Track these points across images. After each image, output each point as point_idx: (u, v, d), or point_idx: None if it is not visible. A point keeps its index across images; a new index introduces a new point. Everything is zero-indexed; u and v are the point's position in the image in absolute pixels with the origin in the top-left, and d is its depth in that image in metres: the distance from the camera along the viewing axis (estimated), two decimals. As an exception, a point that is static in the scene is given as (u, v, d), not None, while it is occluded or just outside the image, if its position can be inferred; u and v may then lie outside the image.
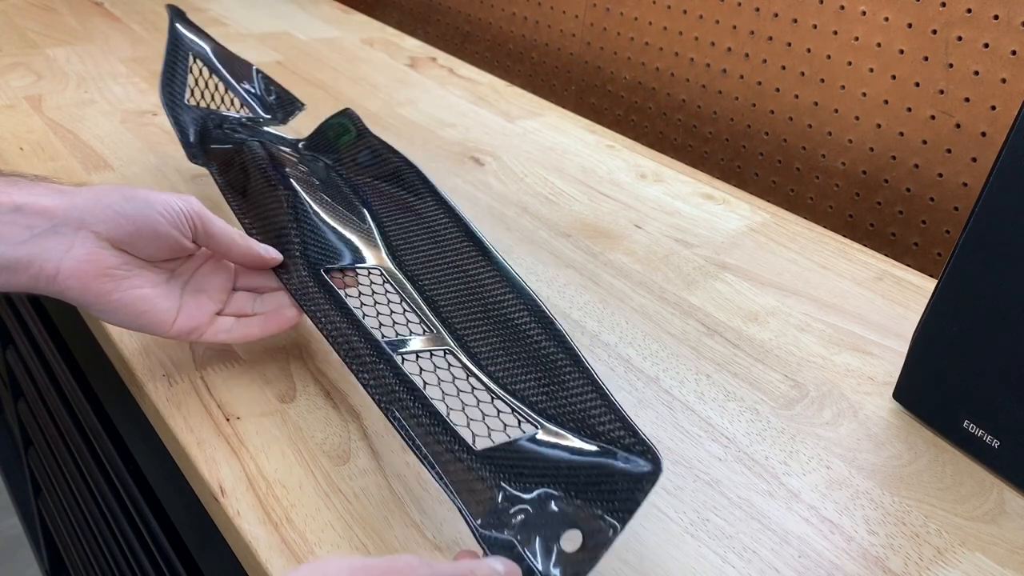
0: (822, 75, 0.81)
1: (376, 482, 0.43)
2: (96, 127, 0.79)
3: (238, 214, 0.57)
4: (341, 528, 0.41)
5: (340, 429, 0.46)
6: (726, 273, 0.66)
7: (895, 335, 0.60)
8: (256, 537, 0.40)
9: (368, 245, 0.56)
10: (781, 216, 0.75)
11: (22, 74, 0.90)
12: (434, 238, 0.57)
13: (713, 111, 0.92)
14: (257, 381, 0.49)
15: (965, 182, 0.73)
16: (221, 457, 0.44)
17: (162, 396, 0.48)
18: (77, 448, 0.79)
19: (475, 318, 0.50)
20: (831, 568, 0.41)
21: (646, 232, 0.71)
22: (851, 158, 0.81)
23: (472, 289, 0.52)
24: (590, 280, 0.63)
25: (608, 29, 1.02)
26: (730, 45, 0.89)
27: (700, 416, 0.51)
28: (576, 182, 0.78)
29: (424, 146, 0.83)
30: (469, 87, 0.99)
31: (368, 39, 1.13)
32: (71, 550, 1.01)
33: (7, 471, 1.44)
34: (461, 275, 0.53)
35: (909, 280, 0.67)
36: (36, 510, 1.15)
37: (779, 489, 0.46)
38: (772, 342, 0.58)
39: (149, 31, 1.07)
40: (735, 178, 0.92)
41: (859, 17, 0.77)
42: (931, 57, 0.73)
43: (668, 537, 0.42)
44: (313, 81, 0.96)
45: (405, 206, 0.60)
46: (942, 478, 0.48)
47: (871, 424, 0.51)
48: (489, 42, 1.21)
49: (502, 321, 0.49)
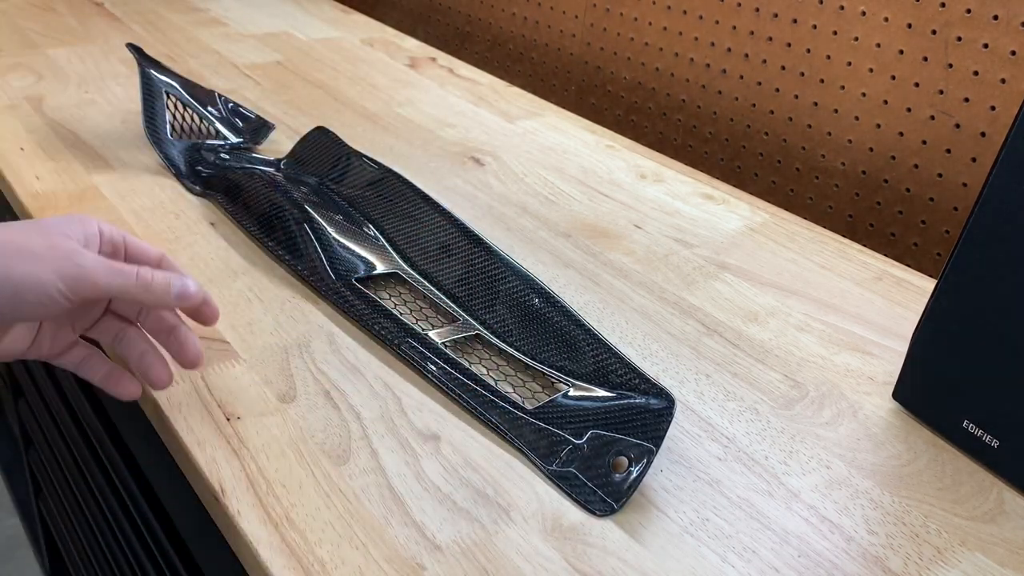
0: (822, 75, 0.81)
1: (376, 482, 0.43)
2: (96, 127, 0.79)
3: (260, 238, 0.62)
4: (341, 528, 0.41)
5: (340, 429, 0.47)
6: (726, 273, 0.66)
7: (895, 335, 0.60)
8: (256, 537, 0.40)
9: (380, 252, 0.61)
10: (781, 216, 0.75)
11: (23, 74, 0.90)
12: (435, 237, 0.62)
13: (713, 111, 0.92)
14: (257, 381, 0.50)
15: (965, 182, 0.73)
16: (221, 457, 0.44)
17: (162, 396, 0.48)
18: (77, 448, 0.79)
19: (491, 304, 0.56)
20: (831, 568, 0.41)
21: (646, 232, 0.71)
22: (851, 158, 0.81)
23: (481, 279, 0.57)
24: (590, 280, 0.63)
25: (608, 29, 1.02)
26: (730, 45, 0.89)
27: (700, 416, 0.51)
28: (576, 182, 0.78)
29: (424, 146, 0.83)
30: (469, 87, 0.99)
31: (368, 39, 1.13)
32: (71, 550, 1.01)
33: (7, 471, 1.44)
34: (468, 268, 0.58)
35: (909, 280, 0.67)
36: (36, 510, 1.15)
37: (779, 489, 0.46)
38: (772, 342, 0.58)
39: (149, 31, 1.07)
40: (735, 178, 0.92)
41: (859, 17, 0.77)
42: (931, 57, 0.73)
43: (668, 537, 0.42)
44: (313, 81, 0.96)
45: (400, 212, 0.64)
46: (942, 478, 0.48)
47: (871, 424, 0.51)
48: (489, 42, 1.21)
49: (514, 303, 0.56)
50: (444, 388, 0.50)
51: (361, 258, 0.60)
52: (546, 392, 0.51)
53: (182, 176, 0.70)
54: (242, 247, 0.62)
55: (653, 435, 0.45)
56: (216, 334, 0.53)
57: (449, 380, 0.50)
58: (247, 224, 0.63)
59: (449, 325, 0.56)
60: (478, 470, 0.45)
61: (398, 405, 0.49)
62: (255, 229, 0.63)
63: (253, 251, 0.62)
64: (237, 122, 0.79)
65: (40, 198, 0.66)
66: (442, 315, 0.57)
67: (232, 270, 0.60)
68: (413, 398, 0.49)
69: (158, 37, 1.05)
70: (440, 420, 0.48)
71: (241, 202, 0.65)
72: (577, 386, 0.51)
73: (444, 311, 0.57)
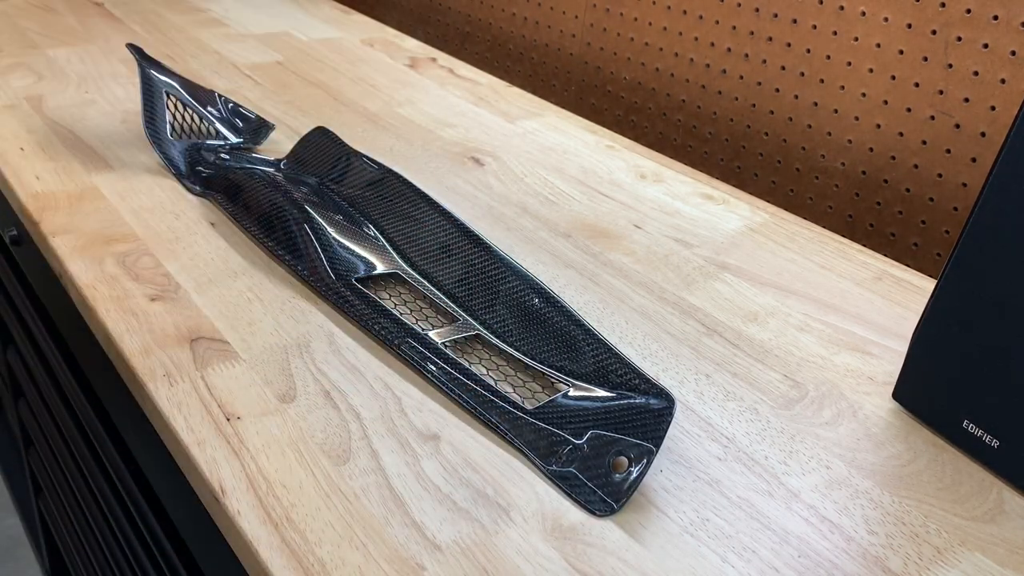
0: (822, 75, 0.81)
1: (376, 482, 0.43)
2: (96, 127, 0.79)
3: (260, 238, 0.62)
4: (341, 528, 0.41)
5: (340, 429, 0.47)
6: (726, 273, 0.66)
7: (895, 335, 0.60)
8: (256, 537, 0.40)
9: (379, 252, 0.62)
10: (781, 216, 0.75)
11: (23, 74, 0.90)
12: (435, 237, 0.62)
13: (713, 111, 0.92)
14: (257, 381, 0.50)
15: (965, 182, 0.73)
16: (221, 457, 0.44)
17: (162, 396, 0.48)
18: (77, 448, 0.79)
19: (491, 304, 0.57)
20: (831, 568, 0.41)
21: (646, 232, 0.71)
22: (851, 158, 0.81)
23: (481, 279, 0.58)
24: (590, 280, 0.63)
25: (608, 29, 1.02)
26: (730, 45, 0.89)
27: (700, 416, 0.51)
28: (576, 182, 0.78)
29: (424, 146, 0.83)
30: (469, 87, 0.99)
31: (368, 39, 1.13)
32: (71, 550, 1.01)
33: (7, 471, 1.44)
34: (468, 268, 0.59)
35: (909, 280, 0.67)
36: (36, 510, 1.15)
37: (779, 489, 0.46)
38: (771, 342, 0.58)
39: (149, 31, 1.07)
40: (735, 178, 0.92)
41: (859, 17, 0.77)
42: (931, 57, 0.73)
43: (668, 537, 0.42)
44: (313, 81, 0.96)
45: (400, 212, 0.65)
46: (942, 478, 0.48)
47: (871, 424, 0.51)
48: (489, 42, 1.21)
49: (514, 303, 0.56)
50: (444, 388, 0.50)
51: (361, 258, 0.60)
52: (546, 392, 0.51)
53: (182, 176, 0.70)
54: (242, 247, 0.63)
55: (653, 435, 0.46)
56: (216, 334, 0.53)
57: (449, 380, 0.50)
58: (247, 224, 0.63)
59: (449, 325, 0.56)
60: (478, 470, 0.45)
61: (398, 405, 0.49)
62: (255, 229, 0.63)
63: (253, 251, 0.62)
64: (237, 122, 0.79)
65: (40, 198, 0.66)
66: (442, 315, 0.57)
67: (232, 270, 0.60)
68: (413, 398, 0.49)
69: (158, 37, 1.05)
70: (440, 420, 0.48)
71: (241, 202, 0.65)
72: (577, 386, 0.51)
73: (444, 311, 0.57)
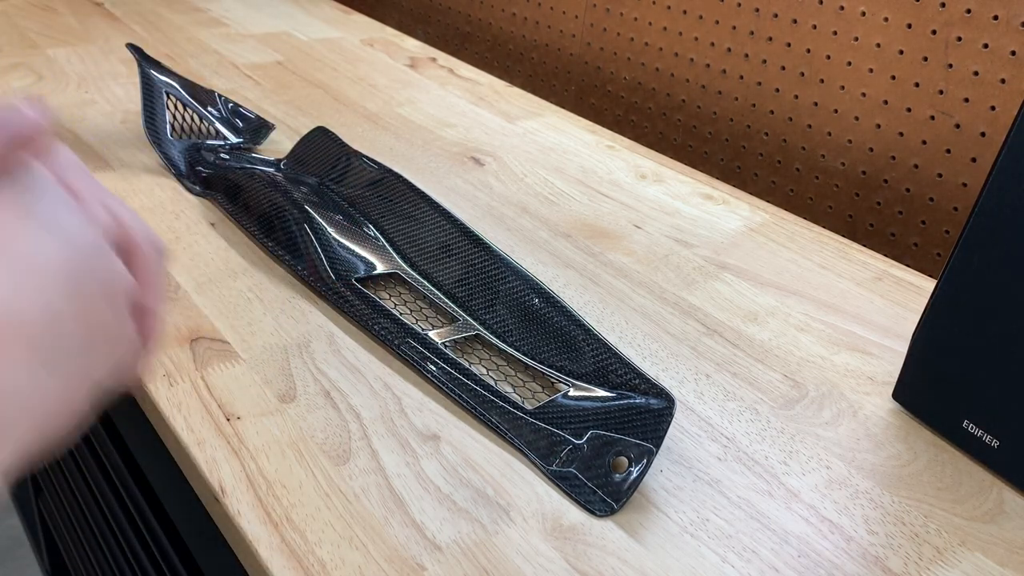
0: (822, 75, 0.81)
1: (376, 482, 0.43)
2: (96, 127, 0.79)
3: (260, 238, 0.62)
4: (341, 528, 0.41)
5: (340, 429, 0.47)
6: (726, 273, 0.66)
7: (895, 335, 0.60)
8: (256, 537, 0.40)
9: (379, 252, 0.61)
10: (781, 216, 0.75)
11: (23, 74, 0.90)
12: (435, 237, 0.62)
13: (713, 111, 0.92)
14: (257, 381, 0.50)
15: (965, 182, 0.73)
16: (221, 457, 0.44)
17: (162, 396, 0.48)
18: (77, 448, 0.79)
19: (491, 304, 0.56)
20: (831, 568, 0.41)
21: (646, 232, 0.71)
22: (851, 158, 0.81)
23: (481, 279, 0.58)
24: (590, 280, 0.63)
25: (608, 29, 1.02)
26: (730, 45, 0.89)
27: (700, 416, 0.51)
28: (576, 182, 0.78)
29: (424, 146, 0.83)
30: (469, 87, 0.99)
31: (368, 39, 1.13)
32: (71, 550, 1.01)
33: (7, 471, 1.44)
34: (468, 268, 0.58)
35: (909, 280, 0.67)
36: (36, 510, 1.15)
37: (778, 489, 0.46)
38: (771, 342, 0.58)
39: (149, 31, 1.07)
40: (735, 178, 0.92)
41: (859, 17, 0.77)
42: (931, 57, 0.73)
43: (668, 537, 0.42)
44: (313, 81, 0.96)
45: (400, 212, 0.65)
46: (942, 478, 0.48)
47: (871, 424, 0.51)
48: (489, 42, 1.21)
49: (514, 303, 0.56)
50: (444, 388, 0.50)
51: (361, 258, 0.60)
52: (546, 392, 0.51)
53: (182, 176, 0.70)
54: (242, 247, 0.62)
55: (653, 435, 0.46)
56: (216, 334, 0.53)
57: (449, 380, 0.50)
58: (247, 224, 0.63)
59: (449, 325, 0.56)
60: (478, 470, 0.45)
61: (398, 405, 0.49)
62: (255, 229, 0.63)
63: (253, 251, 0.62)
64: (237, 122, 0.79)
65: (40, 198, 0.66)
66: (442, 315, 0.57)
67: (232, 270, 0.60)
68: (413, 398, 0.49)
69: (158, 37, 1.05)
70: (440, 420, 0.48)
71: (241, 202, 0.65)
72: (577, 386, 0.51)
73: (444, 311, 0.57)
